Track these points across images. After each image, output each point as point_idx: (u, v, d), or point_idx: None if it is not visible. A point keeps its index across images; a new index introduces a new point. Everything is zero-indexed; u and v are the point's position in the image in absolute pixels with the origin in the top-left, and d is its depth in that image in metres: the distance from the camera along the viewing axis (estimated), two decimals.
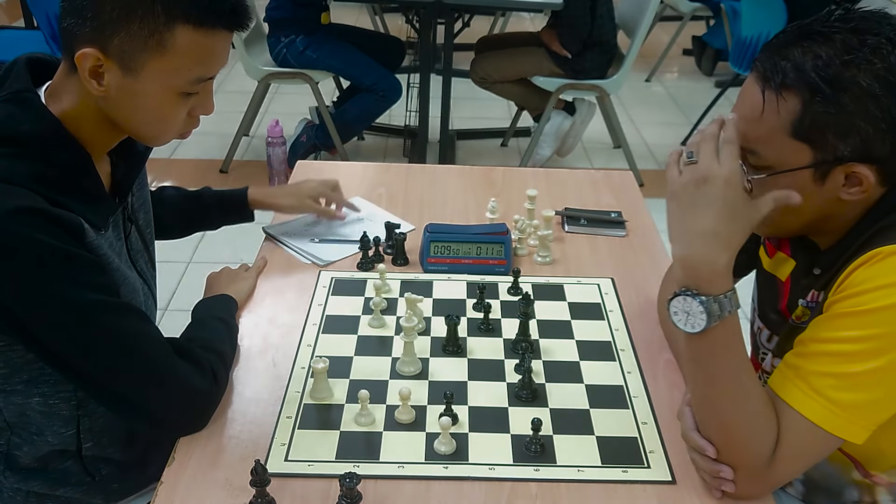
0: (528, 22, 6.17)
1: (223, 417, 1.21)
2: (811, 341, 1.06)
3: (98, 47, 1.03)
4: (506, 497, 1.10)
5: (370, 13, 5.72)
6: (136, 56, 1.04)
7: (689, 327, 1.03)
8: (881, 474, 1.20)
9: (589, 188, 1.96)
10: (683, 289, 1.04)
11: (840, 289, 1.05)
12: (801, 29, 1.04)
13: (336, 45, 3.80)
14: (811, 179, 1.05)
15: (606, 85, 3.81)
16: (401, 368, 1.32)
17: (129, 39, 1.03)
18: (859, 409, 1.02)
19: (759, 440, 1.04)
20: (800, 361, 1.06)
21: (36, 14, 3.81)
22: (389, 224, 1.66)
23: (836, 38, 1.01)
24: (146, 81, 1.06)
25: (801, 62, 1.01)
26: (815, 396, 1.03)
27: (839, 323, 1.03)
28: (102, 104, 1.10)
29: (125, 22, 1.02)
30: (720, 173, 1.01)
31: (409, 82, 3.99)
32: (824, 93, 1.00)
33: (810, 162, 1.04)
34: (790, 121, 1.03)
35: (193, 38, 1.04)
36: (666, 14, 5.66)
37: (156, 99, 1.08)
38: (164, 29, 1.03)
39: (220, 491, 1.09)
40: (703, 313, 1.01)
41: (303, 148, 3.95)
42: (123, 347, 1.10)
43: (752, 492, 1.08)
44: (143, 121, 1.12)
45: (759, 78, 1.05)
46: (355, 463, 1.14)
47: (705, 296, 1.02)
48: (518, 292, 1.52)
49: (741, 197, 1.02)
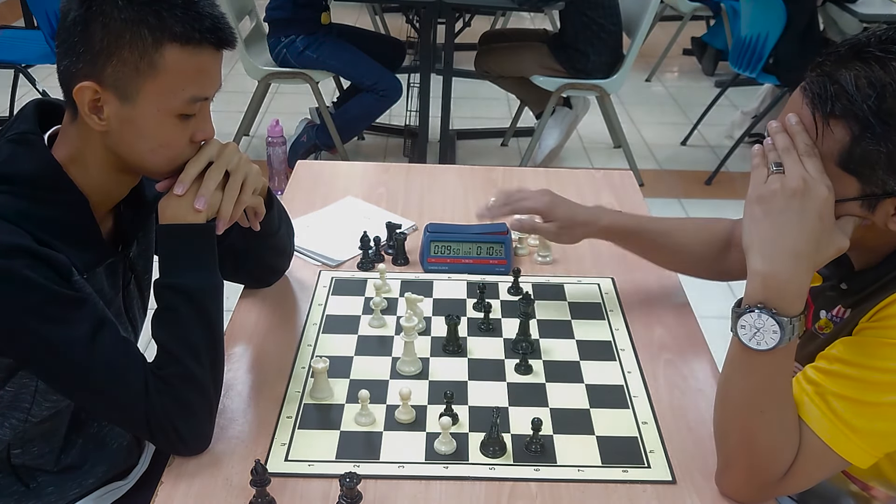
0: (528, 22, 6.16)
1: (223, 417, 1.21)
2: (837, 361, 1.04)
3: (94, 80, 1.06)
4: (506, 497, 1.10)
5: (370, 13, 5.71)
6: (131, 82, 1.06)
7: (755, 343, 1.00)
8: (880, 488, 1.20)
9: (589, 188, 1.96)
10: (760, 305, 1.00)
11: (876, 317, 1.04)
12: (854, 48, 0.97)
13: (336, 45, 3.80)
14: (859, 208, 1.01)
15: (606, 85, 3.81)
16: (401, 368, 1.32)
17: (122, 66, 1.05)
18: (872, 438, 1.01)
19: (784, 457, 1.03)
20: (821, 378, 1.04)
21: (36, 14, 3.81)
22: (390, 224, 1.66)
23: (893, 63, 0.94)
24: (144, 106, 1.08)
25: (853, 90, 0.94)
26: (831, 416, 1.01)
27: (871, 351, 1.02)
28: (107, 141, 1.11)
29: (115, 49, 1.05)
30: (820, 190, 0.97)
31: (409, 82, 3.99)
32: (875, 129, 0.94)
33: (857, 194, 0.99)
34: (837, 151, 0.97)
35: (182, 56, 1.07)
36: (666, 14, 5.66)
37: (156, 123, 1.10)
38: (153, 50, 1.05)
39: (220, 491, 1.09)
40: (776, 333, 0.99)
41: (303, 148, 3.95)
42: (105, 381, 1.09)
43: (759, 498, 1.08)
44: (148, 149, 1.12)
45: (809, 100, 0.99)
46: (355, 463, 1.14)
47: (784, 316, 0.99)
48: (518, 292, 1.52)
49: (833, 217, 0.99)
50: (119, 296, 1.25)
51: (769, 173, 1.01)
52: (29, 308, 1.04)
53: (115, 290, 1.24)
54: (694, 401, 1.28)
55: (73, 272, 1.09)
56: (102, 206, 1.19)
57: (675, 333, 1.44)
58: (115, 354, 1.10)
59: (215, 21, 1.09)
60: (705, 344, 1.41)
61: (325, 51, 3.76)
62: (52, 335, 1.06)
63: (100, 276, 1.18)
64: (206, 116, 1.16)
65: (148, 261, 1.35)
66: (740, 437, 1.05)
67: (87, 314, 1.09)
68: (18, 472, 1.24)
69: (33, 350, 1.08)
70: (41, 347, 1.07)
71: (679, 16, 5.60)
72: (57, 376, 1.11)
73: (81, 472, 1.28)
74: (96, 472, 1.30)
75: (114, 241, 1.24)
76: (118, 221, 1.25)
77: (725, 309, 1.07)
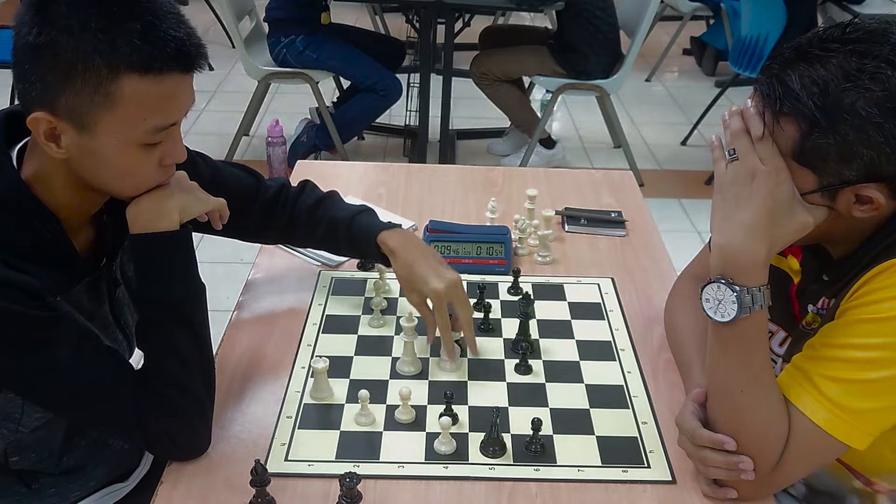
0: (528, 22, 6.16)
1: (223, 417, 1.21)
2: (822, 346, 1.06)
3: (47, 109, 0.98)
4: (506, 497, 1.10)
5: (370, 13, 5.71)
6: (86, 113, 0.99)
7: (718, 315, 1.04)
8: (882, 482, 1.20)
9: (589, 188, 1.96)
10: (718, 277, 1.04)
11: (855, 296, 1.05)
12: (799, 49, 1.01)
13: (336, 45, 3.80)
14: (821, 199, 1.03)
15: (606, 85, 3.81)
16: (401, 368, 1.32)
17: (75, 97, 0.97)
18: (866, 416, 1.02)
19: (772, 441, 1.04)
20: (809, 365, 1.06)
21: None
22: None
23: (833, 61, 0.98)
24: (102, 137, 1.01)
25: (798, 89, 0.99)
26: (823, 401, 1.02)
27: (854, 329, 1.03)
28: (69, 165, 1.05)
29: (68, 80, 0.97)
30: (767, 169, 1.01)
31: (409, 82, 3.99)
32: (821, 124, 0.97)
33: (815, 186, 1.02)
34: (791, 146, 1.01)
35: (141, 86, 0.98)
36: (666, 14, 5.65)
37: (116, 154, 1.03)
38: (108, 81, 0.97)
39: (220, 491, 1.09)
40: (734, 303, 1.02)
41: (303, 148, 3.95)
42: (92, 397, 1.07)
43: (756, 493, 1.08)
44: (111, 177, 1.07)
45: (760, 100, 1.04)
46: (355, 463, 1.14)
47: (740, 286, 1.02)
48: (518, 292, 1.52)
49: (791, 195, 1.02)
50: (105, 306, 1.22)
51: (726, 163, 1.05)
52: (4, 338, 1.00)
53: (97, 303, 1.20)
54: None
55: (45, 294, 1.03)
56: (75, 220, 1.13)
57: None
58: (100, 368, 1.07)
59: (179, 44, 0.99)
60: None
61: (325, 51, 3.76)
62: (32, 362, 1.02)
63: (77, 291, 1.14)
64: (175, 139, 1.08)
65: None
66: (728, 425, 1.06)
67: (66, 332, 1.05)
68: (20, 474, 1.23)
69: (16, 378, 1.05)
70: (24, 376, 1.04)
71: (679, 16, 5.60)
72: (44, 399, 1.09)
73: (83, 474, 1.28)
74: (98, 474, 1.30)
75: (97, 252, 1.19)
76: (101, 231, 1.19)
77: None
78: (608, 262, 1.65)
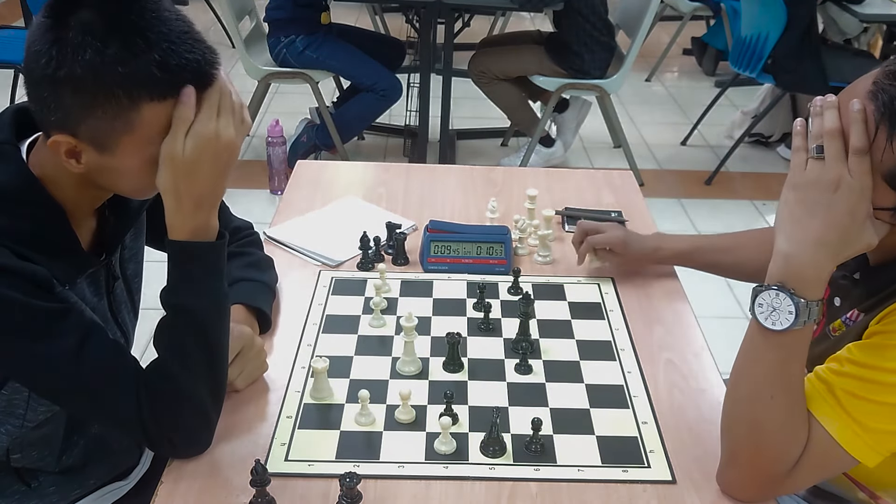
0: (528, 22, 6.16)
1: (223, 417, 1.20)
2: (850, 363, 1.05)
3: (68, 133, 1.02)
4: (506, 497, 1.10)
5: (370, 13, 5.71)
6: (107, 136, 1.02)
7: (769, 322, 1.02)
8: (887, 497, 1.20)
9: (589, 188, 1.96)
10: (779, 284, 1.01)
11: (885, 321, 1.05)
12: None
13: (336, 45, 3.81)
14: (890, 217, 1.01)
15: (606, 84, 3.81)
16: (401, 368, 1.32)
17: (97, 123, 1.01)
18: (882, 437, 1.02)
19: (792, 447, 1.03)
20: (833, 378, 1.05)
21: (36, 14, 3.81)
22: (390, 224, 1.66)
23: None
24: (123, 156, 1.04)
25: None
26: (843, 415, 1.02)
27: (881, 353, 1.03)
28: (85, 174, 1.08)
29: (89, 111, 1.00)
30: (855, 186, 0.96)
31: (409, 82, 3.99)
32: None
33: (893, 205, 1.00)
34: (889, 168, 0.96)
35: (161, 110, 1.02)
36: (666, 14, 5.66)
37: (136, 169, 1.06)
38: (129, 110, 1.00)
39: (220, 491, 1.09)
40: (791, 314, 1.00)
41: (303, 148, 3.95)
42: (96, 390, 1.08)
43: (761, 495, 1.07)
44: (129, 188, 1.12)
45: (877, 106, 0.96)
46: (355, 463, 1.14)
47: (801, 298, 1.00)
48: (518, 292, 1.52)
49: (867, 214, 0.98)
50: (104, 301, 1.23)
51: (808, 157, 1.00)
52: (11, 327, 1.02)
53: (98, 297, 1.22)
54: (694, 401, 1.28)
55: (54, 284, 1.06)
56: (80, 213, 1.15)
57: (675, 333, 1.44)
58: (105, 362, 1.08)
59: (196, 67, 1.02)
60: (705, 344, 1.41)
61: (325, 51, 3.76)
62: (38, 351, 1.04)
63: (81, 284, 1.16)
64: None
65: (138, 264, 1.34)
66: (748, 428, 1.05)
67: (72, 324, 1.06)
68: (20, 472, 1.24)
69: (21, 367, 1.07)
70: (29, 364, 1.06)
71: (679, 16, 5.60)
72: (48, 390, 1.10)
73: (83, 472, 1.28)
74: (97, 473, 1.30)
75: (98, 246, 1.21)
76: (102, 225, 1.21)
77: (725, 309, 1.08)
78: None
